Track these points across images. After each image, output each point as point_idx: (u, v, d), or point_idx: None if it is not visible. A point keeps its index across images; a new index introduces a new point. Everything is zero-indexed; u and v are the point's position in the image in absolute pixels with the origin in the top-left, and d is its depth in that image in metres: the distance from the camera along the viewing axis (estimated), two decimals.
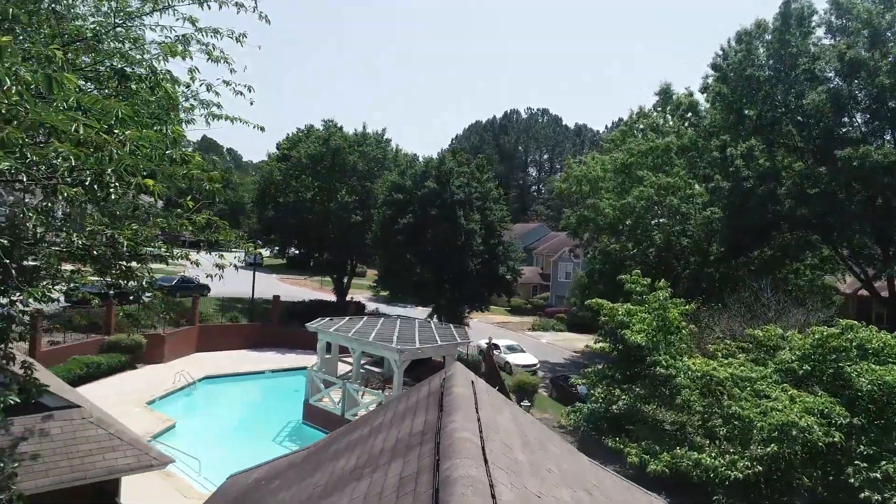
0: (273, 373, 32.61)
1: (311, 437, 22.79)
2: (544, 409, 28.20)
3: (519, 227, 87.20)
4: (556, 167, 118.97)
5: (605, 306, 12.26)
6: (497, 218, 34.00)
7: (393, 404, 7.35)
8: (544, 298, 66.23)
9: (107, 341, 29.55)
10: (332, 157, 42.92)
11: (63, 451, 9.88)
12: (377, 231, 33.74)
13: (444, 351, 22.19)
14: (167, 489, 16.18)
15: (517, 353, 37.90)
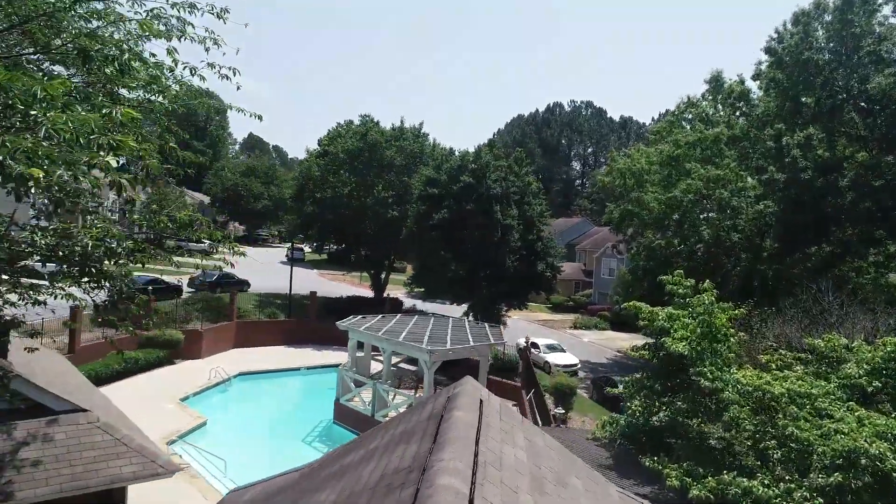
0: (308, 370, 32.40)
1: (341, 437, 22.31)
2: (584, 411, 27.07)
3: (561, 222, 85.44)
4: (600, 161, 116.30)
5: (643, 310, 11.19)
6: (536, 213, 32.88)
7: (394, 423, 6.57)
8: (587, 296, 64.55)
9: (145, 336, 29.79)
10: (369, 151, 42.49)
11: (66, 458, 9.49)
12: (411, 226, 33.08)
13: (476, 352, 21.34)
14: (189, 490, 15.88)
15: (557, 352, 36.74)
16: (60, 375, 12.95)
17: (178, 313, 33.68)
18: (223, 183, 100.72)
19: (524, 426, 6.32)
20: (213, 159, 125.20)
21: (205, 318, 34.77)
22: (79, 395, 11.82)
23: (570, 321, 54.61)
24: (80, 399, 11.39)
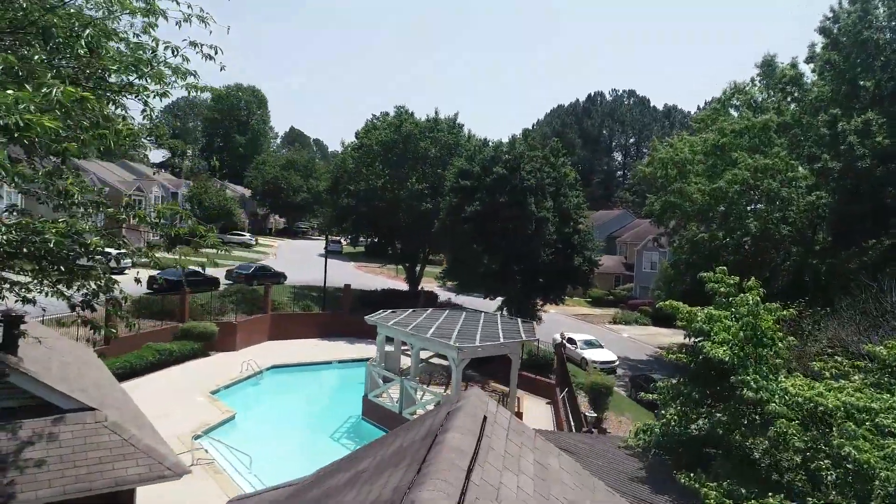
0: (340, 363, 32.21)
1: (369, 434, 21.91)
2: (621, 411, 26.06)
3: (601, 214, 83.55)
4: (642, 151, 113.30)
5: (680, 310, 10.27)
6: (572, 205, 31.80)
7: (392, 438, 5.95)
8: (627, 290, 62.89)
9: (180, 328, 30.04)
10: (403, 143, 42.01)
11: (70, 459, 9.22)
12: (444, 219, 32.42)
13: (506, 349, 20.60)
14: (211, 486, 15.68)
15: (595, 348, 35.68)
16: (79, 370, 12.80)
17: (213, 305, 33.90)
18: (263, 176, 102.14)
19: (537, 445, 5.61)
20: (255, 153, 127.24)
21: (240, 310, 34.95)
22: (94, 391, 11.61)
23: (610, 316, 53.26)
24: (95, 396, 11.16)
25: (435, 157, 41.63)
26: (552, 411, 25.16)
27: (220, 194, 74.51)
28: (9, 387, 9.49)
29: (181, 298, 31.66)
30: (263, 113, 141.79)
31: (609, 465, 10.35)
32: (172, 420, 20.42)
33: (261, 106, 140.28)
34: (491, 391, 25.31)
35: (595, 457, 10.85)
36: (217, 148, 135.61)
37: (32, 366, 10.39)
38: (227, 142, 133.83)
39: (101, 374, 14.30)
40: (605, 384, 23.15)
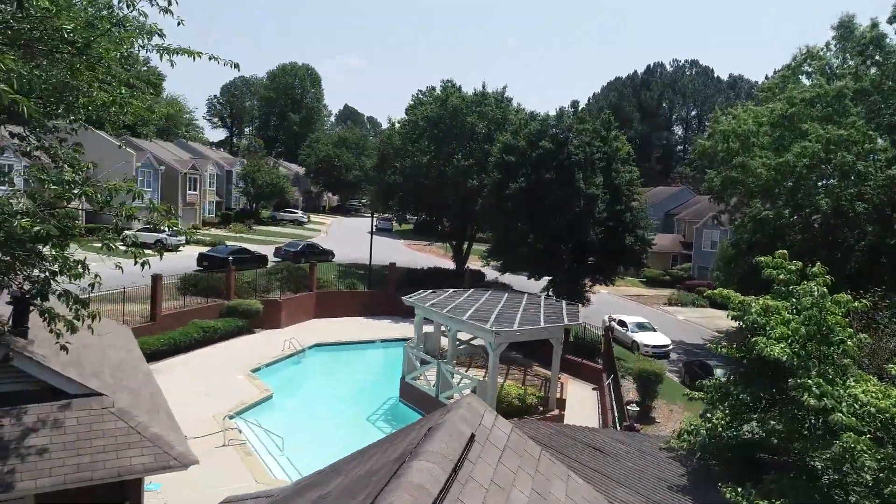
0: (383, 342, 31.88)
1: (405, 417, 21.42)
2: (672, 399, 24.65)
3: (659, 190, 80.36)
4: (703, 124, 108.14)
5: (732, 299, 9.04)
6: (624, 181, 30.13)
7: (370, 453, 5.16)
8: (685, 269, 60.25)
9: (226, 306, 30.27)
10: (449, 118, 40.97)
11: (74, 447, 8.91)
12: (487, 197, 31.33)
13: (547, 334, 19.57)
14: (240, 470, 15.47)
15: (647, 331, 34.08)
16: (101, 352, 12.61)
17: (258, 283, 34.09)
18: (317, 154, 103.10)
19: (539, 469, 4.69)
20: (309, 131, 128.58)
21: (285, 288, 35.06)
22: (111, 375, 11.35)
23: (665, 297, 51.10)
24: (109, 380, 10.89)
25: (482, 133, 40.43)
26: (597, 398, 24.04)
27: (272, 172, 75.36)
28: (14, 371, 9.23)
29: (227, 276, 31.90)
30: (317, 91, 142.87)
31: (645, 470, 9.33)
32: (210, 399, 20.49)
33: (314, 84, 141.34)
34: (533, 375, 24.39)
35: (631, 458, 9.83)
36: (273, 127, 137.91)
37: (43, 348, 10.16)
38: (283, 120, 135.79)
39: (129, 354, 14.16)
40: (654, 371, 21.82)
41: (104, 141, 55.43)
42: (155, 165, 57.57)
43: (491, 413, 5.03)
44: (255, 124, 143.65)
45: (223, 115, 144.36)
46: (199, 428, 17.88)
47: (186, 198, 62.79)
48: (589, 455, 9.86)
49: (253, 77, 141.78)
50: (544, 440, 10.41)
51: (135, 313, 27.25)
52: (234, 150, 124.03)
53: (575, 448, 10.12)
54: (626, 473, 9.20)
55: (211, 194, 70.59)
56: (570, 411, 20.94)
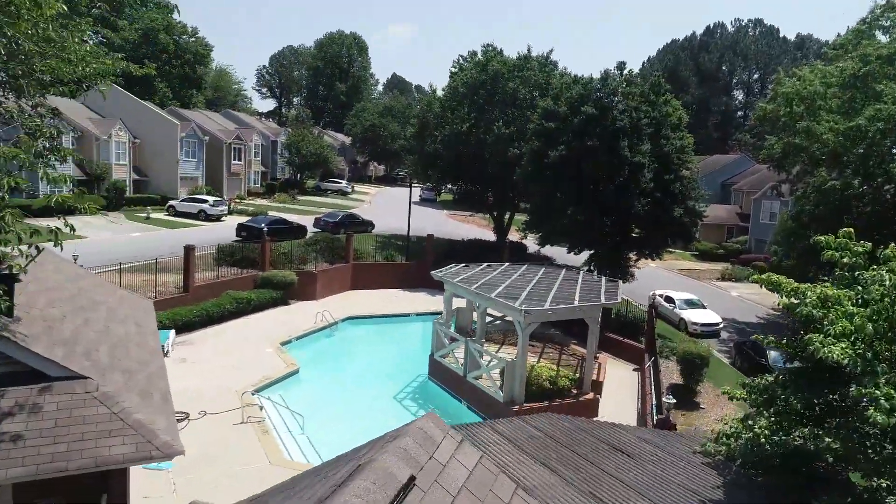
0: (418, 316, 31.19)
1: (433, 396, 20.71)
2: (720, 382, 22.99)
3: (715, 158, 76.42)
4: (766, 88, 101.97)
5: (783, 286, 7.65)
6: (675, 148, 28.05)
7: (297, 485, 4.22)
8: (741, 243, 57.16)
9: (260, 277, 30.08)
10: (490, 84, 39.31)
11: (50, 434, 8.37)
12: (526, 166, 29.78)
13: (581, 313, 18.29)
14: (255, 449, 15.01)
15: (696, 308, 32.23)
16: (105, 328, 12.16)
17: (294, 254, 33.80)
18: (362, 123, 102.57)
19: None
20: (355, 100, 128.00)
21: (322, 259, 34.71)
22: (107, 354, 10.82)
23: (718, 271, 48.59)
24: (102, 360, 10.35)
25: (524, 98, 38.63)
26: (638, 380, 22.70)
27: (317, 142, 75.17)
28: None
29: (262, 247, 31.67)
30: (364, 60, 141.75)
31: (674, 479, 8.15)
32: (236, 372, 20.20)
33: (361, 53, 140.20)
34: (570, 354, 23.18)
35: (659, 463, 8.67)
36: (320, 97, 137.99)
37: (33, 328, 9.67)
38: (330, 90, 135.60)
39: (138, 329, 13.71)
40: (699, 353, 20.29)
41: (149, 111, 56.13)
42: (199, 136, 58.02)
43: (452, 440, 3.99)
44: (304, 94, 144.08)
45: (272, 85, 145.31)
46: (221, 403, 17.57)
47: (231, 168, 63.32)
48: (610, 457, 8.74)
49: (301, 46, 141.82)
50: (562, 437, 9.34)
51: (169, 283, 27.29)
52: (282, 120, 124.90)
53: (595, 448, 9.02)
54: (650, 482, 8.06)
55: (256, 164, 71.06)
56: (607, 395, 19.74)
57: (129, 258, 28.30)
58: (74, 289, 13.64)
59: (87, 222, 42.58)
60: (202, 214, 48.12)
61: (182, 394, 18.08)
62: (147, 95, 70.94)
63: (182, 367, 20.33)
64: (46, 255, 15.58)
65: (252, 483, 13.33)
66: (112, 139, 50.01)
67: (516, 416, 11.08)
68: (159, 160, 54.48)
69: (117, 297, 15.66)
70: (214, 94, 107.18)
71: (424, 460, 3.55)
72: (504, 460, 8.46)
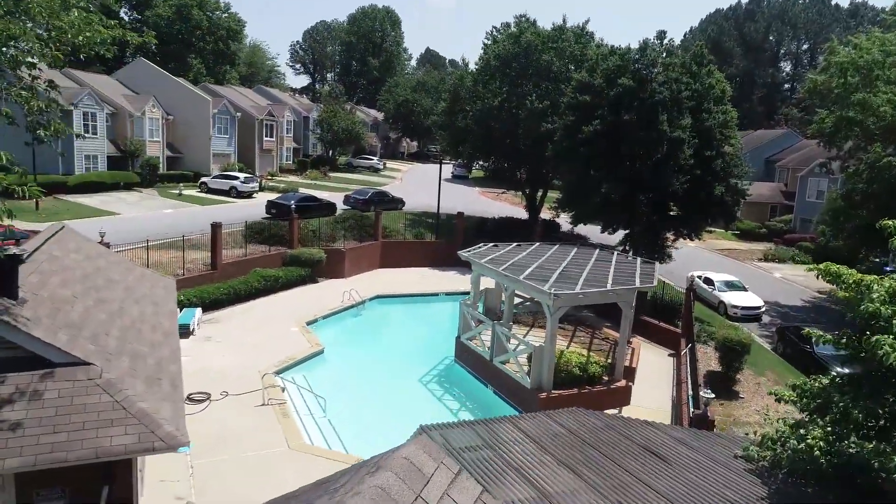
0: (447, 295, 30.61)
1: (459, 379, 20.18)
2: (761, 370, 22.00)
3: (760, 134, 73.35)
4: (817, 59, 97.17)
5: (843, 277, 6.75)
6: (717, 123, 26.56)
7: None
8: (785, 222, 54.85)
9: (288, 255, 29.85)
10: (523, 56, 37.98)
11: (50, 423, 8.06)
12: (559, 141, 28.63)
13: (615, 297, 17.39)
14: (275, 433, 14.72)
15: (737, 290, 30.90)
16: (120, 308, 11.87)
17: (323, 231, 33.50)
18: (395, 99, 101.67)
19: None
20: (388, 75, 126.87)
21: (351, 236, 34.36)
22: (116, 338, 10.51)
23: (761, 252, 46.72)
24: (110, 344, 10.03)
25: (558, 71, 37.25)
26: (673, 366, 21.76)
27: (348, 118, 74.66)
28: None
29: (290, 224, 31.40)
30: (397, 34, 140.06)
31: (712, 487, 7.40)
32: (260, 352, 19.99)
33: (394, 27, 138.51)
34: (602, 339, 22.35)
35: (695, 468, 7.91)
36: (353, 72, 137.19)
37: (39, 310, 9.37)
38: (363, 65, 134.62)
39: (154, 309, 13.43)
40: (740, 341, 19.22)
41: (182, 88, 56.28)
42: (231, 112, 58.04)
43: (446, 472, 3.34)
44: (337, 70, 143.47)
45: (305, 60, 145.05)
46: (243, 383, 17.36)
47: (263, 144, 63.35)
48: (641, 461, 8.02)
49: (335, 21, 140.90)
50: (589, 436, 8.65)
51: (197, 260, 27.25)
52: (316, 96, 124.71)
53: (625, 450, 8.30)
54: (685, 490, 7.32)
55: (288, 140, 71.01)
56: (640, 382, 18.90)
57: (161, 235, 28.36)
58: (91, 268, 13.40)
59: (121, 198, 43.10)
60: (233, 191, 48.24)
61: (205, 373, 17.98)
62: (181, 72, 71.35)
63: (207, 346, 20.21)
64: (68, 234, 15.46)
65: (269, 469, 13.06)
66: (145, 116, 50.32)
67: (542, 411, 10.41)
68: (192, 137, 54.77)
69: (136, 275, 15.42)
70: (248, 71, 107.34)
71: (409, 502, 2.91)
72: (524, 462, 7.83)
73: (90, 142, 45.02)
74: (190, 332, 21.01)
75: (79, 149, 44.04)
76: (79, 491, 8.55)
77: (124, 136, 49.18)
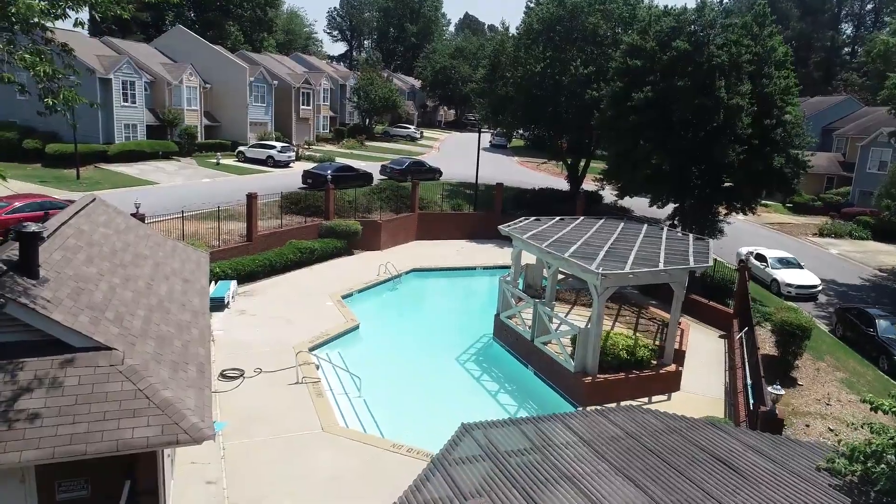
0: (485, 269, 29.81)
1: (498, 359, 19.45)
2: (819, 355, 20.64)
3: (816, 101, 69.47)
4: (882, 21, 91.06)
5: None
6: (778, 89, 24.69)
7: None
8: (842, 195, 52.02)
9: (324, 226, 29.37)
10: (568, 20, 36.17)
11: (70, 412, 7.59)
12: (606, 109, 27.09)
13: (667, 277, 16.26)
14: (308, 413, 14.26)
15: (791, 268, 29.23)
16: (146, 287, 11.41)
17: (359, 202, 32.89)
18: (433, 66, 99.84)
19: None
20: (426, 42, 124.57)
21: (387, 207, 33.70)
22: (144, 318, 10.03)
23: (815, 226, 44.40)
24: (135, 326, 9.55)
25: (605, 35, 35.38)
26: (725, 349, 20.58)
27: (385, 86, 73.46)
28: (9, 319, 7.95)
29: (326, 195, 30.84)
30: None
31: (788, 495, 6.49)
32: (294, 327, 19.60)
33: None
34: (649, 318, 21.28)
35: (773, 482, 7.00)
36: (391, 39, 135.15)
37: (58, 290, 8.89)
38: (400, 32, 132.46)
39: (184, 287, 12.97)
40: (801, 325, 17.90)
41: (219, 55, 55.93)
42: (268, 80, 57.54)
43: None
44: (374, 37, 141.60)
45: (342, 27, 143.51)
46: (277, 359, 16.97)
47: (300, 113, 62.84)
48: (711, 472, 7.13)
49: None
50: (649, 441, 7.79)
51: (233, 231, 26.98)
52: (353, 63, 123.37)
53: (691, 458, 7.42)
54: None
55: (325, 109, 70.36)
56: (690, 367, 17.84)
57: (197, 205, 28.15)
58: (121, 243, 12.98)
59: (160, 168, 43.24)
60: (270, 161, 47.97)
61: (239, 348, 17.66)
62: (219, 39, 70.96)
63: (241, 320, 19.90)
64: (99, 207, 15.08)
65: (302, 452, 12.61)
66: (183, 84, 50.17)
67: (593, 408, 9.57)
68: (229, 105, 54.55)
69: (168, 249, 15.01)
70: (285, 38, 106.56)
71: None
72: (578, 470, 7.03)
73: (129, 110, 45.14)
74: (225, 306, 20.75)
75: (118, 118, 44.19)
76: (101, 482, 8.13)
77: (162, 105, 49.19)
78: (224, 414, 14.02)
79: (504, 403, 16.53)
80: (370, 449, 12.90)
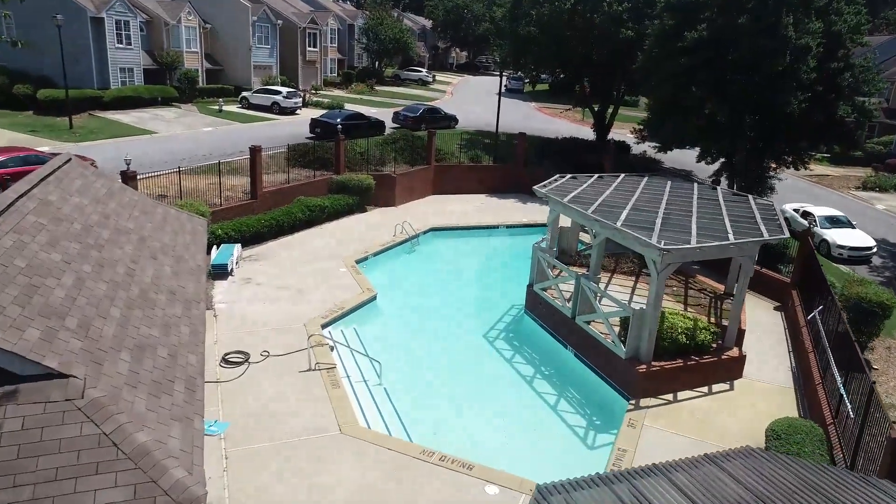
0: (508, 228, 27.64)
1: (531, 336, 17.44)
2: (888, 331, 18.47)
3: None
4: None
5: None
6: (848, 27, 21.71)
7: None
8: (885, 144, 48.79)
9: (335, 181, 27.09)
10: None
11: (9, 470, 5.60)
12: (651, 50, 24.14)
13: (737, 251, 13.97)
14: (324, 407, 12.40)
15: (842, 227, 26.80)
16: (124, 272, 9.33)
17: (371, 154, 30.47)
18: (445, 5, 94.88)
19: None
20: None
21: (402, 159, 31.30)
22: (119, 320, 7.97)
23: (857, 178, 41.59)
24: (109, 331, 7.49)
25: None
26: (783, 323, 18.49)
27: (395, 26, 69.36)
28: None
29: (336, 146, 28.39)
30: None
31: None
32: (304, 299, 17.64)
33: None
34: (698, 290, 19.13)
35: None
36: None
37: (2, 290, 6.82)
38: None
39: (176, 267, 10.87)
40: (881, 302, 15.69)
41: None
42: (272, 19, 53.97)
43: None
44: None
45: None
46: (286, 340, 15.07)
47: (306, 55, 59.37)
48: None
49: None
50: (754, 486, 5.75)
51: (237, 188, 24.78)
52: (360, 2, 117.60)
53: None
54: None
55: (332, 51, 66.67)
56: (747, 345, 15.73)
57: (198, 157, 25.90)
58: (98, 215, 10.81)
59: (158, 115, 40.65)
60: (276, 107, 45.16)
61: (244, 324, 15.77)
62: None
63: (246, 290, 17.93)
64: (74, 169, 12.80)
65: (319, 462, 10.75)
66: (182, 24, 46.88)
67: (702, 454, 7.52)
68: (232, 47, 51.30)
69: (158, 218, 12.82)
70: None
71: None
72: None
73: (125, 53, 42.18)
74: (228, 273, 18.79)
75: (113, 61, 41.31)
76: None
77: (160, 47, 46.08)
78: (227, 410, 12.19)
79: (542, 392, 14.60)
80: (398, 456, 11.07)
